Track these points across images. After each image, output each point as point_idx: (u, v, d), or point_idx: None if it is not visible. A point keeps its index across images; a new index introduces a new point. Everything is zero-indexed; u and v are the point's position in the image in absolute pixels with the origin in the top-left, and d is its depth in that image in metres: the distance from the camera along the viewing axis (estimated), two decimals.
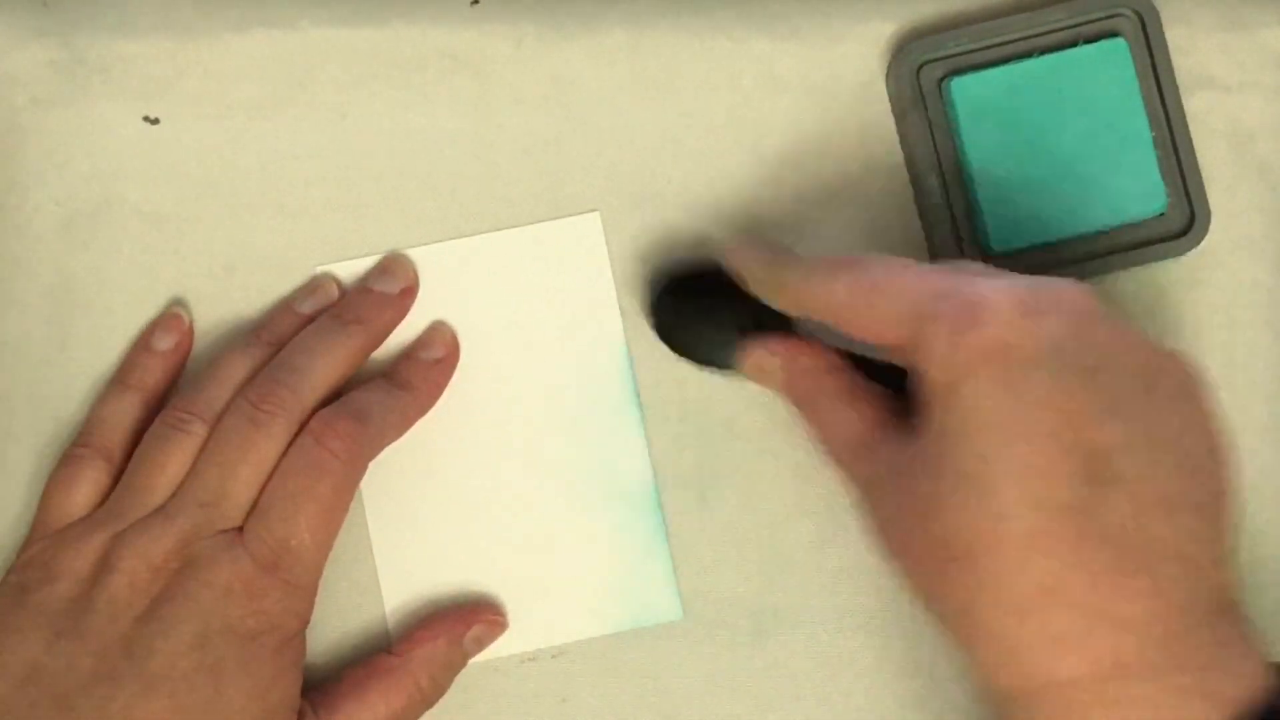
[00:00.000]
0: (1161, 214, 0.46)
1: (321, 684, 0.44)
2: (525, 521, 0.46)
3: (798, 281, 0.40)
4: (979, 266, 0.38)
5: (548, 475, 0.46)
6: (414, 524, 0.46)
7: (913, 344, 0.37)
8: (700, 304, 0.45)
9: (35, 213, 0.46)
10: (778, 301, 0.42)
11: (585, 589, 0.46)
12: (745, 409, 0.46)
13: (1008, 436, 0.35)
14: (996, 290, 0.36)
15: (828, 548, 0.46)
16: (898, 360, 0.39)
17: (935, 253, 0.46)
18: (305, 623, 0.41)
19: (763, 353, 0.43)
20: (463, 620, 0.44)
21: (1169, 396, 0.36)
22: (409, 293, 0.46)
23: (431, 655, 0.44)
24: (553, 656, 0.46)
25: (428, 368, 0.45)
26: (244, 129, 0.47)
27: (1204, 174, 0.46)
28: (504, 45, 0.47)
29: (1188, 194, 0.46)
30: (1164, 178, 0.45)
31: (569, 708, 0.46)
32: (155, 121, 0.47)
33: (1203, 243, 0.46)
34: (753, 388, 0.46)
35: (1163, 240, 0.46)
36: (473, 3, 0.47)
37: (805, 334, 0.43)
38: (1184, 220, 0.46)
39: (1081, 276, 0.46)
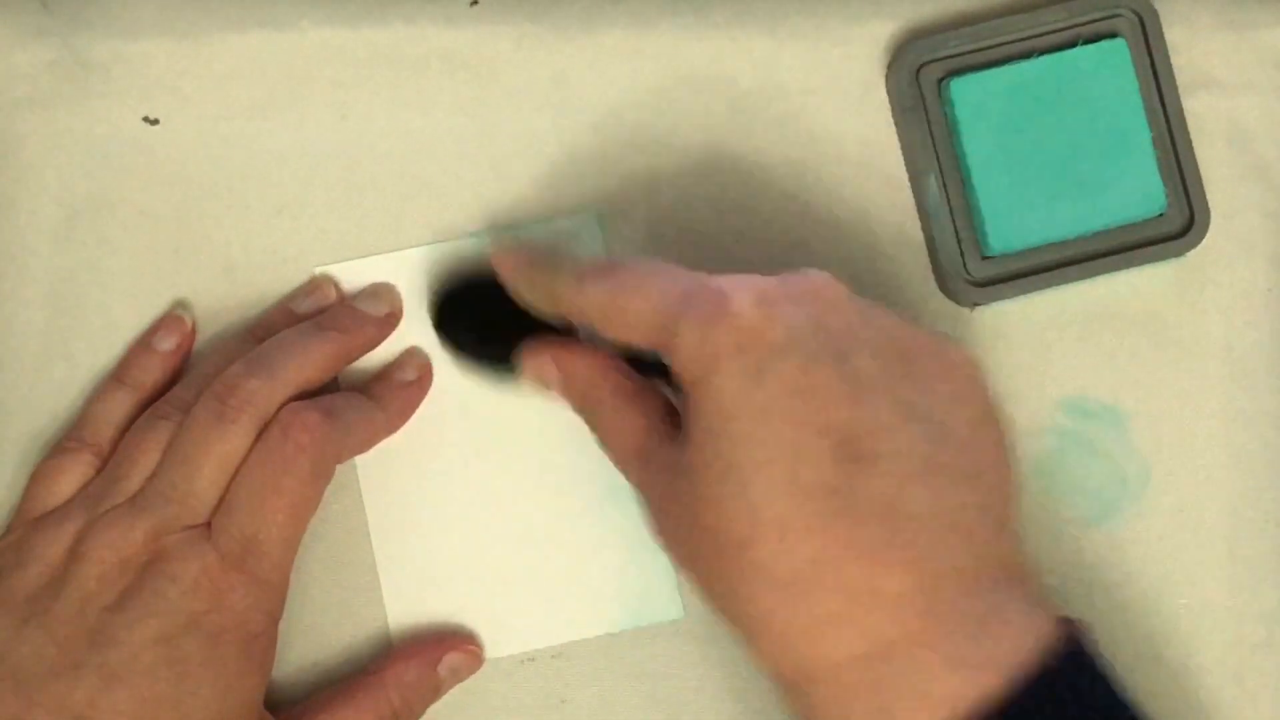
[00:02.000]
0: (1161, 214, 0.46)
1: (289, 698, 0.44)
2: (526, 521, 0.46)
3: (556, 286, 0.41)
4: (725, 274, 0.38)
5: (547, 474, 0.46)
6: (415, 524, 0.46)
7: (666, 344, 0.37)
8: (481, 312, 0.44)
9: (35, 213, 0.46)
10: (541, 306, 0.42)
11: (587, 588, 0.46)
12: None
13: (757, 425, 0.35)
14: (740, 285, 0.37)
15: None
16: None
17: (935, 253, 0.47)
18: (274, 620, 0.41)
19: (540, 359, 0.43)
20: (440, 646, 0.45)
21: (928, 375, 0.37)
22: (392, 317, 0.46)
23: (405, 675, 0.44)
24: (553, 656, 0.46)
25: (400, 388, 0.45)
26: (244, 129, 0.47)
27: (1203, 174, 0.46)
28: (504, 45, 0.47)
29: (1187, 194, 0.46)
30: (1163, 178, 0.45)
31: (569, 708, 0.46)
32: (155, 121, 0.47)
33: (1202, 243, 0.46)
34: None
35: (1162, 240, 0.46)
36: (473, 3, 0.47)
37: (585, 339, 0.42)
38: (1183, 220, 0.46)
39: (1081, 277, 0.46)
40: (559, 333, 0.43)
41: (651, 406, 0.40)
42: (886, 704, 0.34)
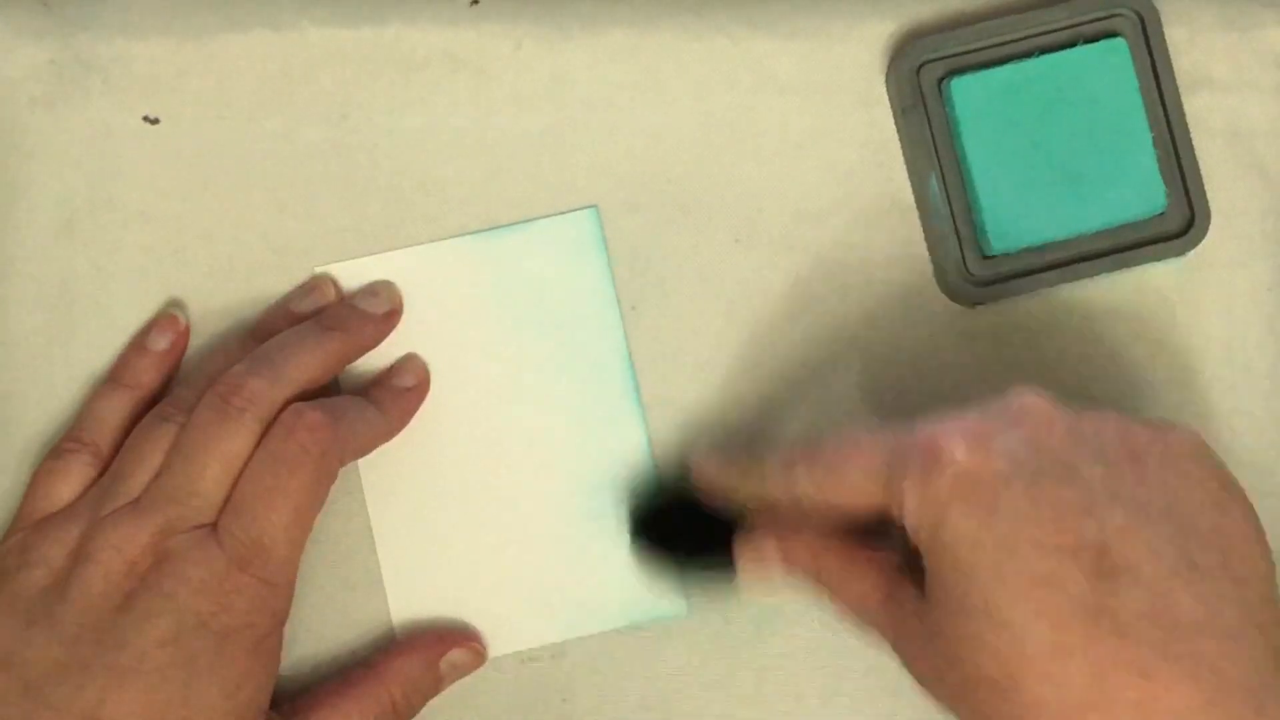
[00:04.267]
0: (1161, 214, 0.46)
1: (293, 692, 0.44)
2: (528, 519, 0.46)
3: (760, 477, 0.41)
4: (930, 420, 0.38)
5: (548, 472, 0.46)
6: (417, 523, 0.46)
7: (890, 504, 0.37)
8: (675, 534, 0.45)
9: (35, 213, 0.46)
10: (747, 501, 0.42)
11: (588, 585, 0.46)
12: (746, 408, 0.46)
13: (1001, 559, 0.35)
14: (949, 430, 0.37)
15: None
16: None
17: (935, 253, 0.46)
18: (281, 621, 0.41)
19: (761, 547, 0.42)
20: (443, 641, 0.45)
21: (1158, 466, 0.36)
22: (392, 315, 0.46)
23: (406, 670, 0.44)
24: (552, 656, 0.46)
25: (399, 394, 0.45)
26: (244, 129, 0.47)
27: (1204, 174, 0.46)
28: (504, 45, 0.47)
29: (1187, 194, 0.46)
30: (1164, 178, 0.45)
31: (569, 708, 0.46)
32: (155, 121, 0.47)
33: (1202, 243, 0.46)
34: (753, 384, 0.46)
35: (1162, 240, 0.46)
36: (473, 3, 0.47)
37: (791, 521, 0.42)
38: (1184, 220, 0.46)
39: (1081, 276, 0.46)
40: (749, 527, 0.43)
41: (883, 563, 0.40)
42: None
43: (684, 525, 0.44)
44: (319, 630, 0.45)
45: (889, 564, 0.40)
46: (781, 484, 0.40)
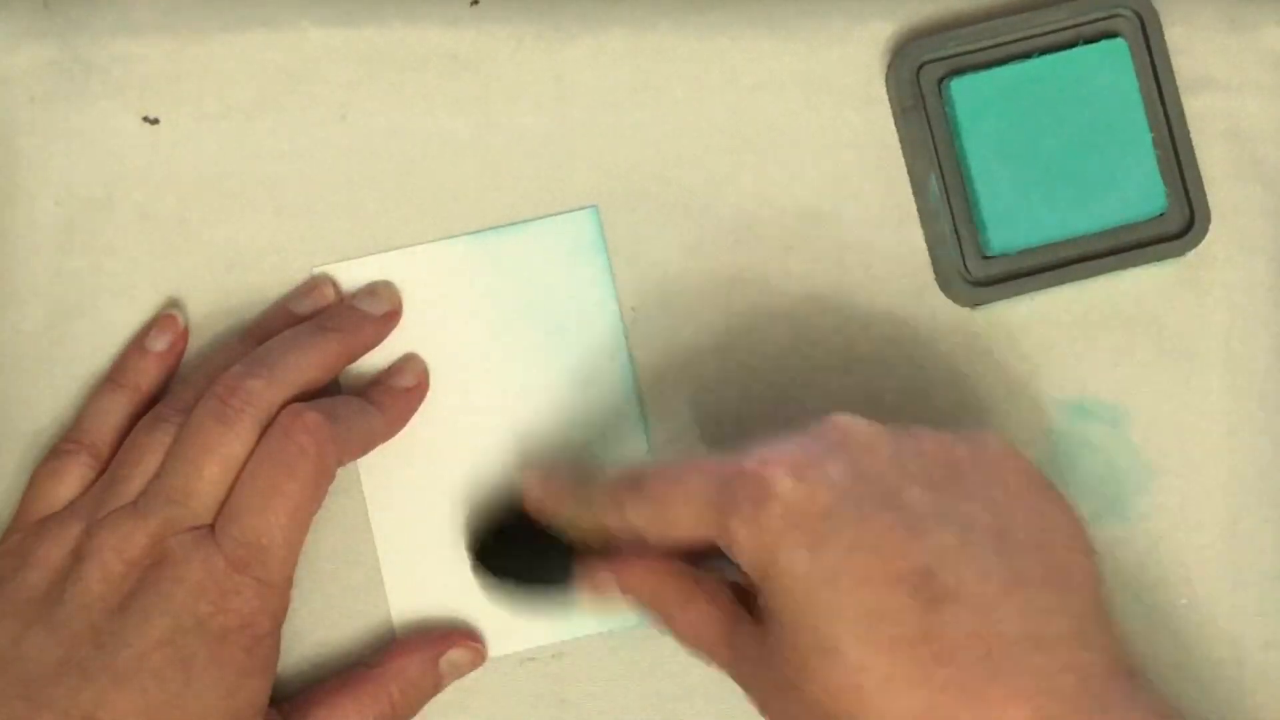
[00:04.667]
0: (1161, 214, 0.46)
1: (293, 691, 0.44)
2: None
3: (589, 514, 0.41)
4: (751, 449, 0.38)
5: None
6: (417, 523, 0.46)
7: (720, 539, 0.37)
8: (519, 544, 0.44)
9: (35, 213, 0.46)
10: (577, 525, 0.41)
11: None
12: (745, 408, 0.46)
13: (832, 594, 0.35)
14: (773, 459, 0.37)
15: None
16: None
17: (935, 253, 0.47)
18: (278, 622, 0.41)
19: (599, 578, 0.41)
20: (442, 641, 0.45)
21: (980, 481, 0.37)
22: (392, 316, 0.46)
23: (405, 669, 0.44)
24: (553, 656, 0.46)
25: (398, 394, 0.45)
26: (244, 129, 0.47)
27: (1204, 174, 0.46)
28: (504, 45, 0.47)
29: (1187, 194, 0.46)
30: (1164, 178, 0.45)
31: (569, 708, 0.46)
32: (155, 121, 0.47)
33: (1202, 243, 0.46)
34: (753, 383, 0.46)
35: (1162, 240, 0.46)
36: (473, 3, 0.47)
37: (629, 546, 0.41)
38: (1183, 220, 0.46)
39: (1081, 277, 0.46)
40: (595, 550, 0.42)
41: (721, 596, 0.40)
42: None
43: (523, 546, 0.44)
44: (319, 630, 0.45)
45: (726, 595, 0.40)
46: (612, 518, 0.40)
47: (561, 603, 0.42)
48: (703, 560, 0.40)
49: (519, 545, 0.44)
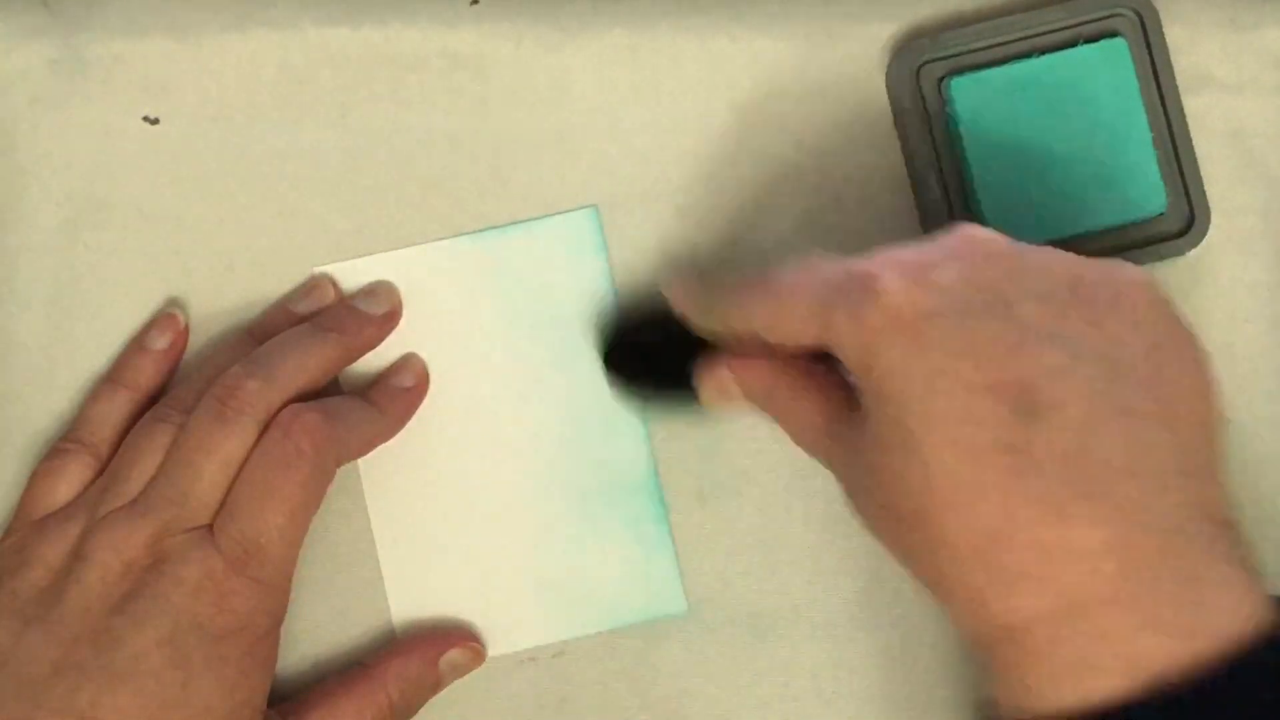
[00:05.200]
0: (1161, 214, 0.46)
1: (292, 692, 0.44)
2: (528, 519, 0.46)
3: (720, 306, 0.41)
4: (873, 251, 0.38)
5: (548, 472, 0.46)
6: (417, 522, 0.46)
7: (827, 338, 0.37)
8: (647, 352, 0.45)
9: (35, 213, 0.46)
10: (709, 327, 0.42)
11: (588, 584, 0.46)
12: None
13: (925, 394, 0.34)
14: (886, 262, 0.36)
15: (828, 547, 0.46)
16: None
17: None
18: (277, 621, 0.41)
19: (718, 373, 0.42)
20: (442, 641, 0.45)
21: (1104, 308, 0.35)
22: (391, 316, 0.46)
23: (404, 670, 0.44)
24: (553, 656, 0.46)
25: (398, 394, 0.45)
26: (244, 129, 0.47)
27: (1204, 174, 0.46)
28: (504, 45, 0.47)
29: (1187, 194, 0.46)
30: (1164, 178, 0.45)
31: (569, 708, 0.46)
32: (155, 121, 0.47)
33: (1202, 243, 0.46)
34: None
35: (1163, 240, 0.46)
36: (473, 3, 0.47)
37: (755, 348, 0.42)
38: (1184, 220, 0.46)
39: None
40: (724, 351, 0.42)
41: (831, 392, 0.40)
42: (1080, 662, 0.33)
43: (655, 348, 0.44)
44: (319, 630, 0.45)
45: (835, 392, 0.40)
46: (735, 314, 0.40)
47: (686, 403, 0.43)
48: (821, 365, 0.40)
49: (650, 347, 0.45)
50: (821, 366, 0.40)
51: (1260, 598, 0.34)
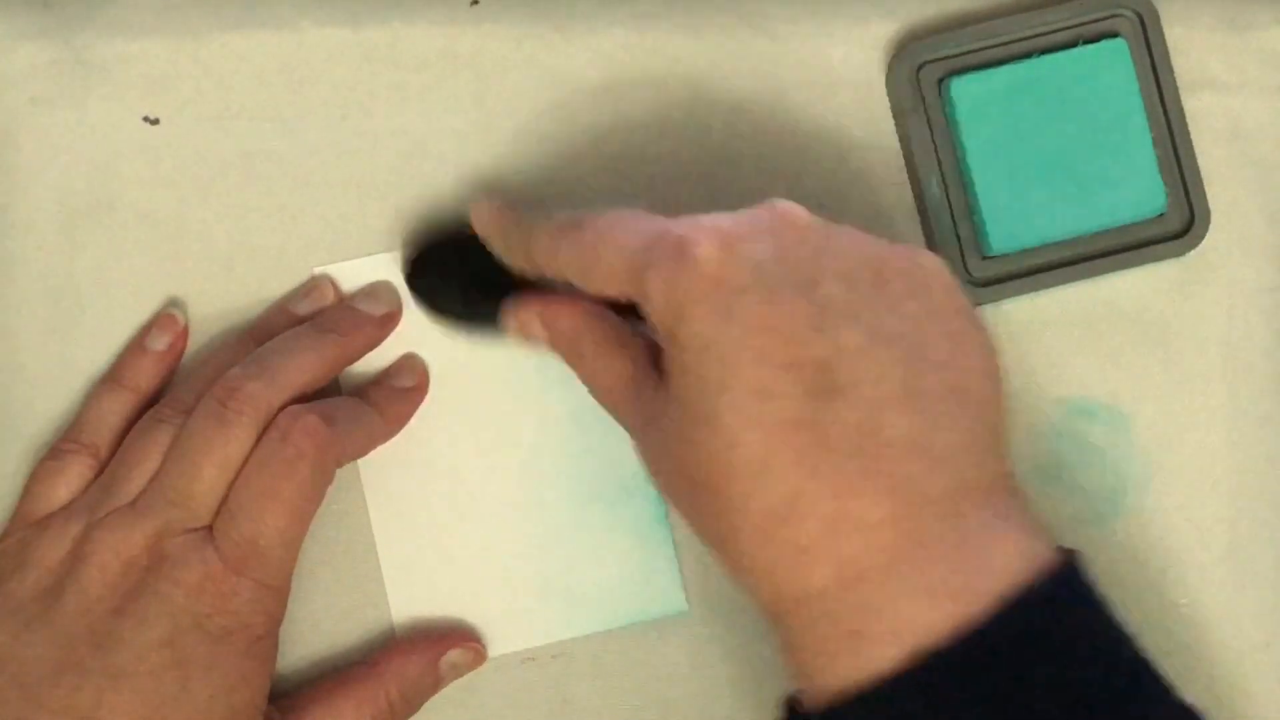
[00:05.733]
0: (1161, 214, 0.46)
1: (292, 691, 0.44)
2: (528, 519, 0.46)
3: (530, 243, 0.41)
4: (688, 217, 0.38)
5: (548, 472, 0.46)
6: (417, 522, 0.46)
7: (638, 294, 0.37)
8: (459, 269, 0.44)
9: (35, 213, 0.46)
10: (520, 265, 0.42)
11: (589, 583, 0.46)
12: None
13: (727, 366, 0.35)
14: (702, 228, 0.37)
15: None
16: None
17: (935, 253, 0.46)
18: (277, 622, 0.41)
19: (525, 313, 0.42)
20: (442, 641, 0.45)
21: (902, 293, 0.36)
22: (391, 317, 0.46)
23: (404, 670, 0.44)
24: (553, 656, 0.46)
25: (398, 394, 0.45)
26: (244, 129, 0.47)
27: (1204, 174, 0.46)
28: (504, 45, 0.47)
29: (1187, 194, 0.46)
30: (1164, 178, 0.45)
31: (569, 708, 0.46)
32: (155, 121, 0.47)
33: (1202, 243, 0.46)
34: None
35: (1162, 240, 0.46)
36: (473, 3, 0.47)
37: (567, 290, 0.42)
38: (1184, 220, 0.46)
39: (1081, 277, 0.46)
40: (538, 287, 0.42)
41: (636, 351, 0.40)
42: (854, 631, 0.34)
43: (464, 269, 0.44)
44: (319, 630, 0.45)
45: (640, 352, 0.40)
46: (547, 253, 0.40)
47: (488, 334, 0.43)
48: (631, 319, 0.40)
49: (457, 270, 0.44)
50: (627, 323, 0.41)
51: (1030, 560, 0.34)
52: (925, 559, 0.34)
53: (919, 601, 0.34)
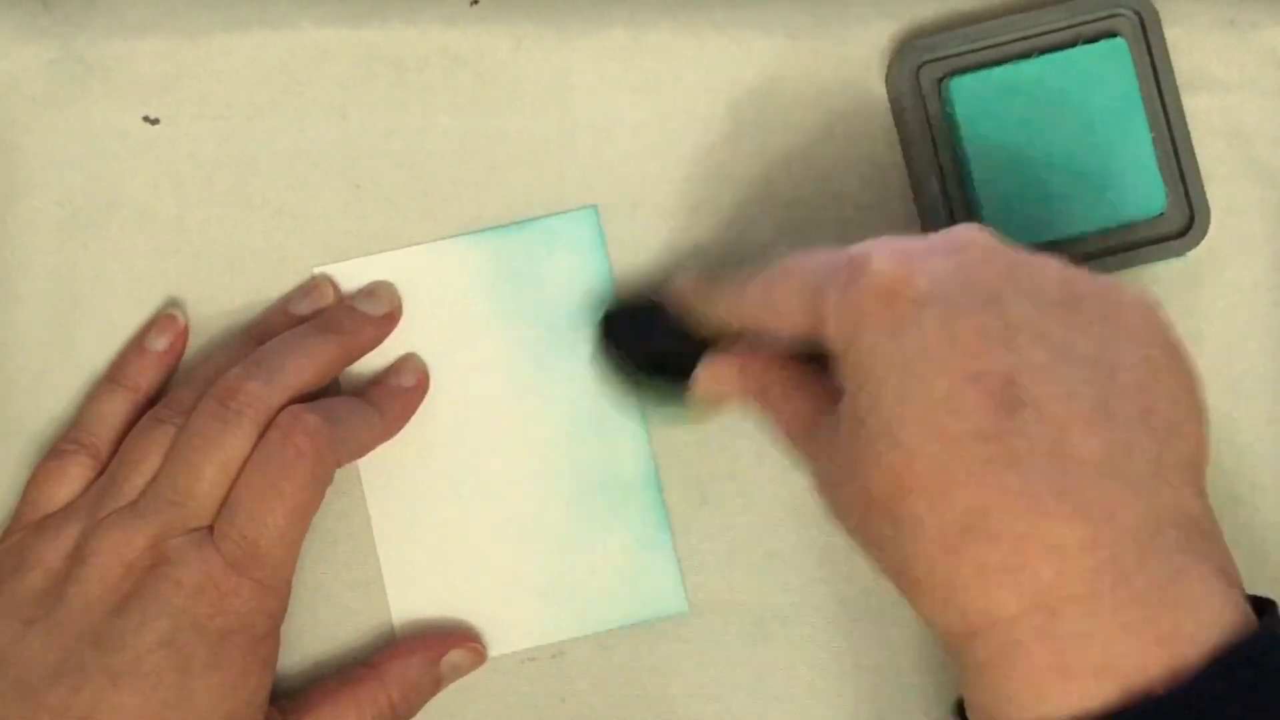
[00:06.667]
0: (1161, 214, 0.46)
1: (293, 691, 0.44)
2: (528, 519, 0.46)
3: (722, 297, 0.41)
4: (877, 239, 0.37)
5: (548, 472, 0.46)
6: (417, 523, 0.46)
7: (817, 320, 0.37)
8: (643, 334, 0.45)
9: (35, 213, 0.46)
10: (710, 320, 0.42)
11: (590, 584, 0.46)
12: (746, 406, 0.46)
13: (905, 377, 0.34)
14: (881, 244, 0.36)
15: (828, 547, 0.46)
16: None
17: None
18: (277, 622, 0.41)
19: (723, 363, 0.42)
20: (443, 642, 0.45)
21: (1095, 317, 0.35)
22: (391, 317, 0.46)
23: (405, 670, 0.44)
24: (552, 656, 0.46)
25: (398, 393, 0.45)
26: (244, 129, 0.47)
27: (1204, 174, 0.46)
28: (504, 45, 0.47)
29: (1187, 194, 0.46)
30: (1164, 178, 0.45)
31: (569, 708, 0.46)
32: (155, 121, 0.47)
33: (1202, 243, 0.46)
34: None
35: (1162, 240, 0.46)
36: (473, 3, 0.47)
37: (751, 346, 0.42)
38: (1183, 220, 0.46)
39: None
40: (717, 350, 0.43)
41: (817, 390, 0.40)
42: (1063, 664, 0.32)
43: (650, 332, 0.44)
44: (319, 630, 0.45)
45: (822, 393, 0.39)
46: (736, 303, 0.40)
47: (677, 397, 0.43)
48: (819, 363, 0.40)
49: (645, 332, 0.45)
50: (812, 366, 0.40)
51: (1236, 608, 0.33)
52: (1129, 595, 0.32)
53: (1128, 640, 0.32)
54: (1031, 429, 0.33)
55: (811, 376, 0.40)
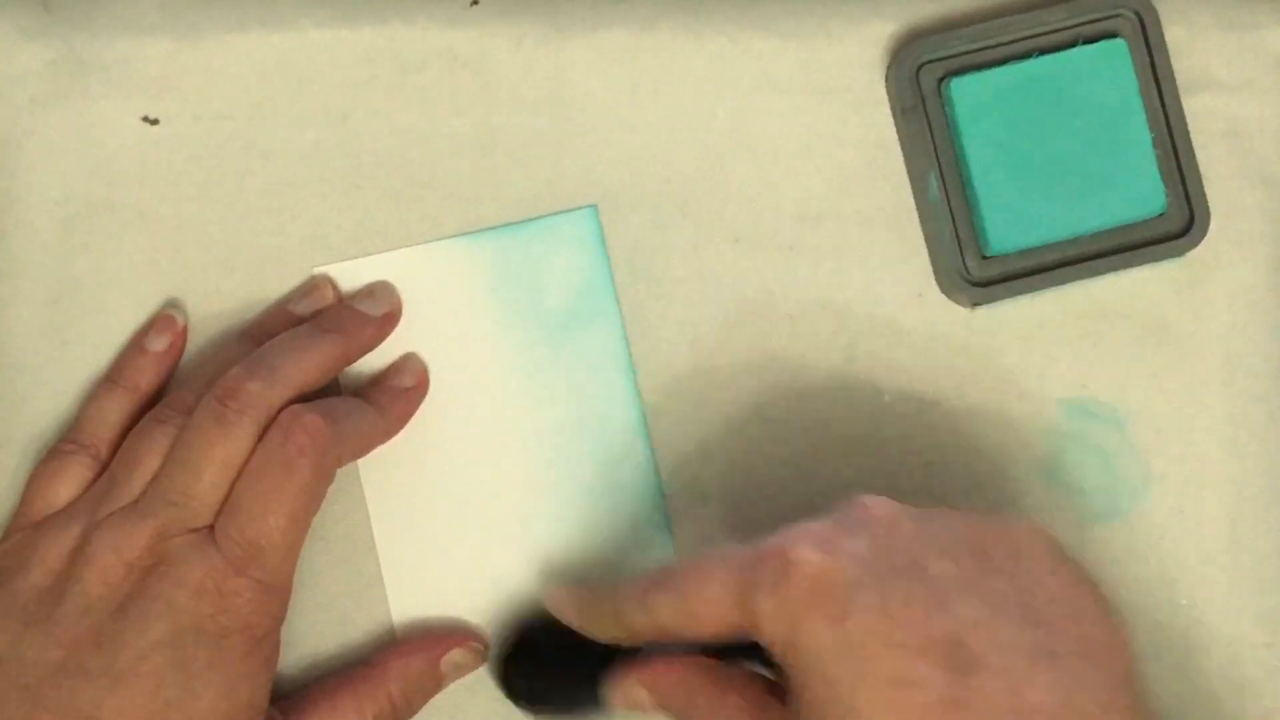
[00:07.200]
0: (1161, 214, 0.46)
1: (294, 691, 0.44)
2: (529, 518, 0.46)
3: (618, 610, 0.40)
4: (776, 533, 0.38)
5: (548, 472, 0.46)
6: (417, 523, 0.46)
7: (745, 621, 0.37)
8: (550, 657, 0.44)
9: (35, 213, 0.46)
10: (605, 635, 0.41)
11: (591, 583, 0.46)
12: (746, 406, 0.46)
13: (857, 664, 0.35)
14: (796, 537, 0.37)
15: None
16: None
17: (935, 253, 0.47)
18: (278, 622, 0.41)
19: (627, 684, 0.41)
20: (443, 641, 0.45)
21: (1005, 559, 0.36)
22: (391, 317, 0.46)
23: (406, 670, 0.44)
24: None
25: (398, 394, 0.45)
26: (244, 129, 0.47)
27: (1203, 174, 0.46)
28: (504, 45, 0.47)
29: (1187, 194, 0.46)
30: (1163, 178, 0.45)
31: None
32: (155, 121, 0.47)
33: (1202, 243, 0.46)
34: (753, 383, 0.46)
35: (1162, 240, 0.46)
36: (473, 3, 0.47)
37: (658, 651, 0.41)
38: (1183, 220, 0.46)
39: (1081, 277, 0.46)
40: (625, 654, 0.41)
41: (747, 687, 0.39)
42: None
43: (555, 661, 0.43)
44: (319, 630, 0.45)
45: (755, 686, 0.39)
46: (639, 616, 0.39)
47: (591, 713, 0.42)
48: (732, 660, 0.40)
49: (548, 664, 0.44)
50: (726, 661, 0.40)
51: None
52: None
53: None
54: (988, 685, 0.34)
55: (731, 674, 0.40)
